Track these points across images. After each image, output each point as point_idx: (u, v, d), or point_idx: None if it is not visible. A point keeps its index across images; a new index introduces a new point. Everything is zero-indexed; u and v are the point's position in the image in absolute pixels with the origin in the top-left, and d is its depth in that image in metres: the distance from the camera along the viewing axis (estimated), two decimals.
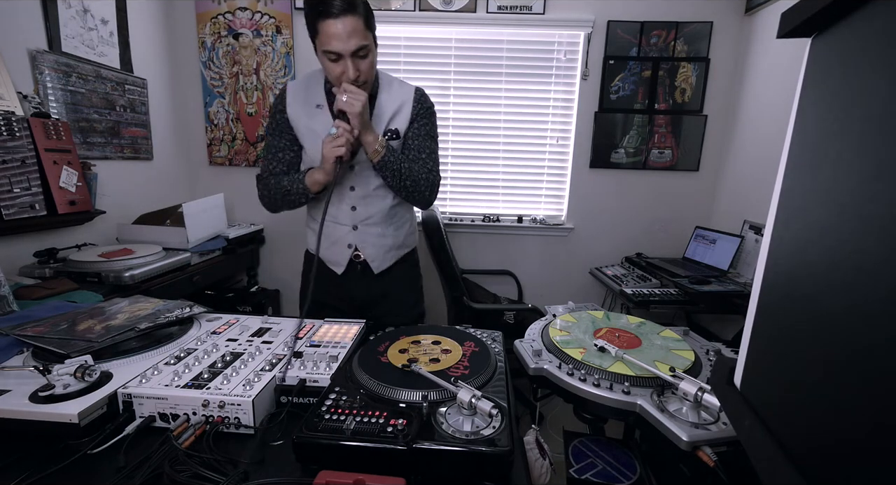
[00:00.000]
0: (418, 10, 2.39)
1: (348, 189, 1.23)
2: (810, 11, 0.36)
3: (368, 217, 1.25)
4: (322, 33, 1.03)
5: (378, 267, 1.29)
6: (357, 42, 1.03)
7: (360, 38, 1.03)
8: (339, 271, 1.30)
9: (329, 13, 1.00)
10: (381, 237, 1.28)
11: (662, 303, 1.98)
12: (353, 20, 1.01)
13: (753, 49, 2.30)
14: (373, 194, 1.24)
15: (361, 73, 1.08)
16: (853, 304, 0.29)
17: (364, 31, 1.04)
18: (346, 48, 1.03)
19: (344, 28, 1.01)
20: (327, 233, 1.26)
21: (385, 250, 1.29)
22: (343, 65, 1.06)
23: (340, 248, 1.27)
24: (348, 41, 1.02)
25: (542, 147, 2.62)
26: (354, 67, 1.06)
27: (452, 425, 0.64)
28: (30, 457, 0.64)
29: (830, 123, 0.35)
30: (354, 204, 1.24)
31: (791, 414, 0.35)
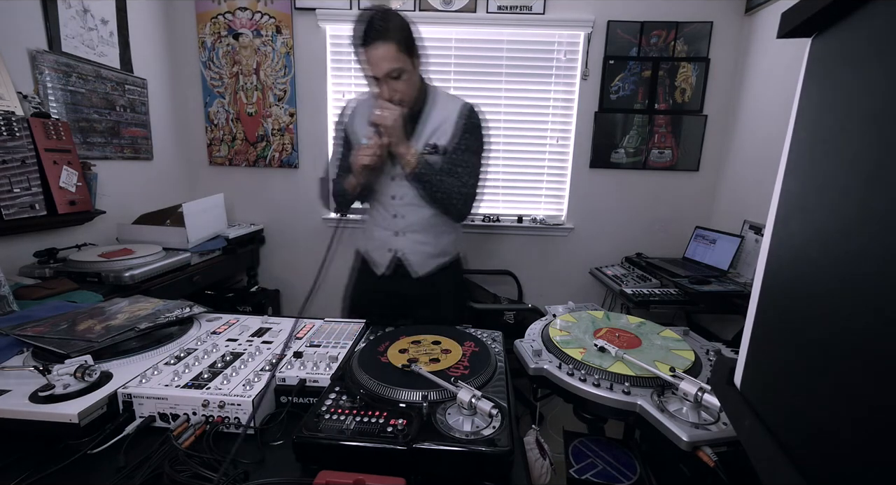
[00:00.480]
0: (418, 10, 2.39)
1: (390, 198, 1.30)
2: (810, 11, 0.36)
3: (410, 225, 1.31)
4: (362, 60, 1.14)
5: (417, 273, 1.34)
6: (388, 66, 1.11)
7: (392, 62, 1.11)
8: (378, 272, 1.37)
9: (363, 42, 1.10)
10: (422, 245, 1.33)
11: (662, 303, 1.98)
12: (384, 47, 1.09)
13: (753, 49, 2.30)
14: (414, 203, 1.29)
15: (397, 92, 1.16)
16: (853, 304, 0.29)
17: (396, 55, 1.11)
18: (378, 72, 1.12)
19: (376, 54, 1.10)
20: (372, 236, 1.38)
21: (426, 257, 1.34)
22: (381, 87, 1.16)
23: (382, 251, 1.35)
24: (380, 66, 1.11)
25: (542, 147, 2.62)
26: (389, 88, 1.15)
27: (452, 425, 0.64)
28: (30, 457, 0.64)
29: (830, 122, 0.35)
30: (396, 212, 1.31)
31: (791, 414, 0.35)
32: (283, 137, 2.59)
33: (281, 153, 2.61)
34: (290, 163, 2.62)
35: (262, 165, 2.63)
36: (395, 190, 1.29)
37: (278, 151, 2.61)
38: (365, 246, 1.40)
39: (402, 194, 1.29)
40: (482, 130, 1.31)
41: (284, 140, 2.59)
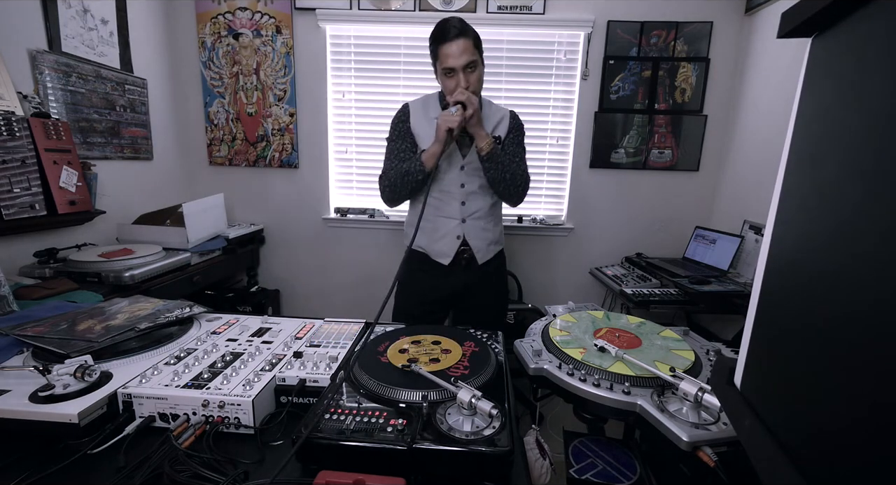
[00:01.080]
0: (418, 10, 2.39)
1: (458, 186, 1.44)
2: (810, 11, 0.36)
3: (475, 211, 1.46)
4: (441, 54, 1.32)
5: (482, 258, 1.48)
6: (467, 58, 1.30)
7: (470, 54, 1.31)
8: (445, 262, 1.47)
9: (447, 38, 1.30)
10: (485, 231, 1.48)
11: (662, 303, 1.98)
12: (464, 42, 1.30)
13: (753, 49, 2.30)
14: (478, 191, 1.45)
15: (470, 84, 1.33)
16: (853, 304, 0.29)
17: (473, 50, 1.32)
18: (459, 63, 1.30)
19: (458, 48, 1.29)
20: (436, 227, 1.47)
21: (487, 243, 1.49)
22: (456, 79, 1.32)
23: (450, 239, 1.46)
24: (460, 57, 1.30)
25: (542, 147, 2.62)
26: (465, 79, 1.32)
27: (452, 425, 0.64)
28: (30, 457, 0.64)
29: (830, 122, 0.35)
30: (464, 199, 1.45)
31: (791, 414, 0.35)
32: (283, 136, 2.59)
33: (281, 153, 2.61)
34: (290, 163, 2.62)
35: (262, 165, 2.63)
36: (465, 178, 1.43)
37: (278, 151, 2.61)
38: (425, 240, 1.49)
39: (470, 181, 1.43)
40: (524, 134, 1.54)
41: (284, 140, 2.59)
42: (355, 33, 2.48)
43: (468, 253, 1.47)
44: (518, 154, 1.50)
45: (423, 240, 1.49)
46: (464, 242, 1.45)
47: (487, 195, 1.47)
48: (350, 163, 2.66)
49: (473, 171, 1.43)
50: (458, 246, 1.45)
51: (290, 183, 2.66)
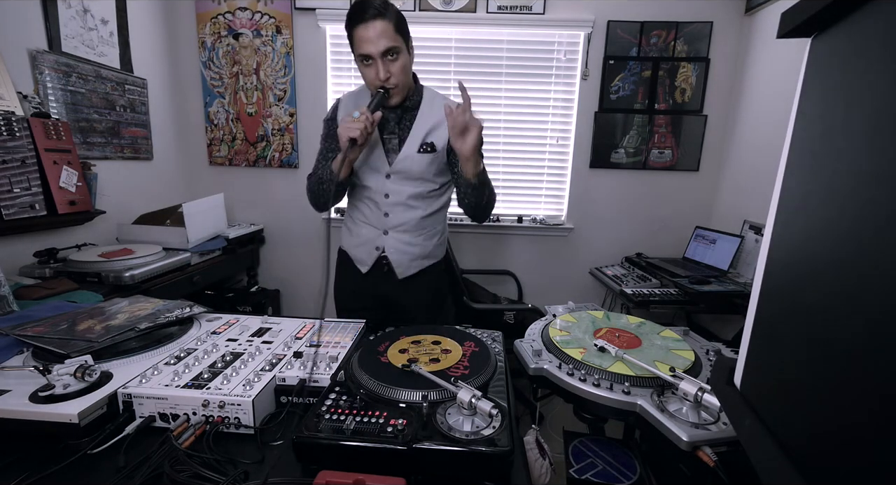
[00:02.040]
0: (418, 10, 2.39)
1: (383, 196, 1.28)
2: (810, 11, 0.36)
3: (400, 225, 1.30)
4: (356, 38, 1.11)
5: (402, 273, 1.33)
6: (386, 43, 1.09)
7: (389, 40, 1.10)
8: (363, 270, 1.35)
9: (361, 19, 1.08)
10: (409, 245, 1.32)
11: (662, 303, 1.98)
12: (382, 24, 1.08)
13: (753, 49, 2.30)
14: (405, 203, 1.28)
15: (392, 74, 1.13)
16: (853, 304, 0.29)
17: (394, 35, 1.10)
18: (376, 49, 1.10)
19: (374, 31, 1.08)
20: (359, 233, 1.35)
21: (411, 258, 1.33)
22: (375, 67, 1.12)
23: (368, 249, 1.33)
24: (378, 42, 1.09)
25: (542, 147, 2.62)
26: (385, 69, 1.12)
27: (452, 425, 0.64)
28: (30, 457, 0.64)
29: (830, 122, 0.35)
30: (388, 211, 1.29)
31: (791, 414, 0.35)
32: (283, 136, 2.59)
33: (281, 153, 2.61)
34: (290, 163, 2.62)
35: (262, 165, 2.63)
36: (390, 188, 1.27)
37: (278, 151, 2.61)
38: (349, 243, 1.38)
39: (396, 192, 1.27)
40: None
41: (284, 140, 2.59)
42: None
43: (388, 264, 1.33)
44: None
45: (346, 240, 1.40)
46: (383, 252, 1.32)
47: (418, 208, 1.30)
48: None
49: (402, 180, 1.26)
50: (376, 257, 1.32)
51: (290, 183, 2.66)
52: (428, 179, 1.28)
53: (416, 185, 1.28)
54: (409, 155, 1.24)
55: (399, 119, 1.25)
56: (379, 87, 1.15)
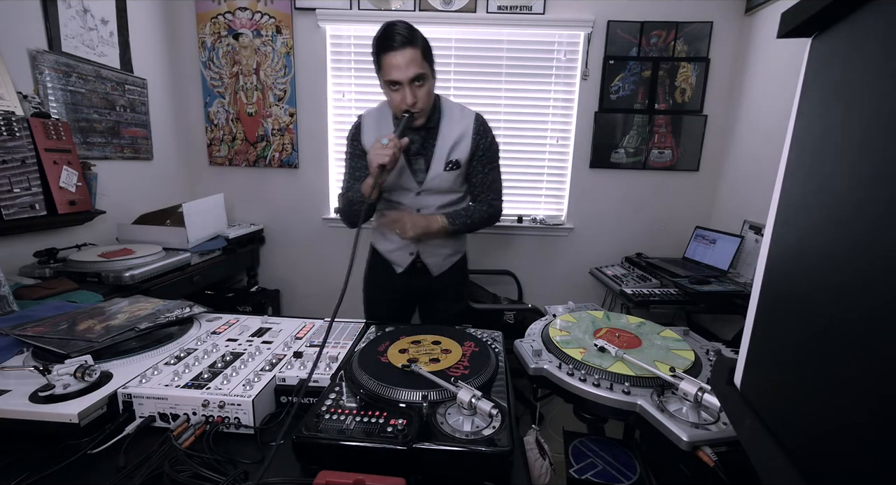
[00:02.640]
0: (418, 10, 2.39)
1: (415, 210, 1.37)
2: (810, 11, 0.36)
3: None
4: (385, 65, 1.18)
5: (437, 271, 1.44)
6: (414, 70, 1.16)
7: (418, 67, 1.16)
8: (398, 271, 1.45)
9: (391, 47, 1.15)
10: (442, 247, 1.42)
11: (662, 303, 1.98)
12: (411, 52, 1.15)
13: (753, 49, 2.30)
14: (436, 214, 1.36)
15: (418, 100, 1.20)
16: (854, 303, 0.29)
17: (421, 62, 1.17)
18: (406, 76, 1.16)
19: (403, 59, 1.14)
20: (392, 238, 1.42)
21: (443, 257, 1.44)
22: (402, 92, 1.18)
23: (403, 253, 1.42)
24: (407, 70, 1.15)
25: (542, 147, 2.62)
26: (412, 94, 1.19)
27: (452, 425, 0.64)
28: (30, 457, 0.64)
29: (830, 122, 0.35)
30: None
31: (791, 414, 0.35)
32: (283, 136, 2.59)
33: (281, 153, 2.61)
34: (290, 163, 2.62)
35: (262, 165, 2.63)
36: (421, 202, 1.36)
37: (278, 151, 2.61)
38: (384, 247, 1.46)
39: (426, 206, 1.37)
40: (495, 142, 1.39)
41: (284, 140, 2.59)
42: (355, 33, 2.48)
43: (422, 265, 1.43)
44: (486, 181, 1.38)
45: (382, 245, 1.47)
46: (417, 256, 1.42)
47: None
48: None
49: (430, 195, 1.36)
50: (411, 260, 1.42)
51: (290, 183, 2.66)
52: (455, 190, 1.38)
53: (445, 196, 1.37)
54: (437, 174, 1.32)
55: (423, 141, 1.32)
56: (404, 111, 1.21)
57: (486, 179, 1.38)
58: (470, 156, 1.33)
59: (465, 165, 1.34)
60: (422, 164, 1.33)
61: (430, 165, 1.32)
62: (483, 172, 1.37)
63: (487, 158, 1.37)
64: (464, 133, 1.32)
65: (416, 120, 1.25)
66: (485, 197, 1.39)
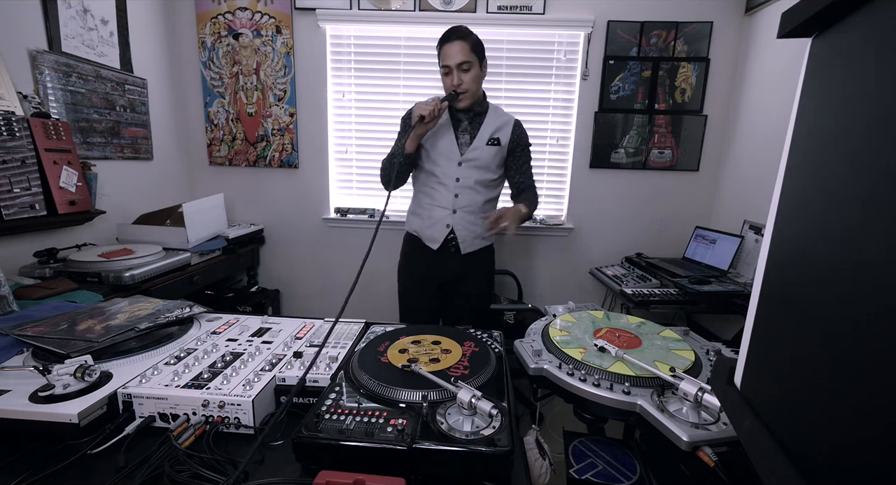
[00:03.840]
0: (418, 10, 2.39)
1: (454, 180, 1.56)
2: (810, 11, 0.36)
3: (466, 205, 1.58)
4: (442, 54, 1.48)
5: (465, 249, 1.60)
6: (461, 57, 1.44)
7: (465, 56, 1.44)
8: (434, 247, 1.60)
9: (448, 40, 1.46)
10: (473, 225, 1.59)
11: (662, 303, 1.98)
12: (461, 44, 1.44)
13: (753, 49, 2.30)
14: (473, 187, 1.57)
15: (464, 82, 1.46)
16: (853, 304, 0.29)
17: (469, 53, 1.45)
18: (454, 62, 1.44)
19: (454, 49, 1.44)
20: (431, 214, 1.60)
21: (473, 236, 1.60)
22: (452, 76, 1.46)
23: (440, 227, 1.59)
24: (455, 57, 1.44)
25: (542, 147, 2.62)
26: (458, 77, 1.46)
27: (452, 425, 0.64)
28: (30, 457, 0.64)
29: (831, 122, 0.35)
30: (458, 192, 1.57)
31: (791, 414, 0.35)
32: (283, 137, 2.59)
33: (281, 153, 2.61)
34: (290, 163, 2.62)
35: (262, 165, 2.63)
36: (461, 173, 1.55)
37: (278, 151, 2.61)
38: (419, 225, 1.63)
39: (466, 177, 1.55)
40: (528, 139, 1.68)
41: (284, 140, 2.59)
42: (355, 33, 2.48)
43: (455, 241, 1.59)
44: (527, 164, 1.66)
45: (417, 224, 1.64)
46: (451, 231, 1.58)
47: (483, 192, 1.59)
48: (350, 163, 2.66)
49: (471, 168, 1.55)
50: (446, 234, 1.58)
51: (290, 183, 2.66)
52: (492, 168, 1.58)
53: (482, 172, 1.56)
54: (479, 146, 1.55)
55: (470, 120, 1.57)
56: (452, 90, 1.47)
57: (524, 164, 1.64)
58: (510, 145, 1.59)
59: (505, 150, 1.58)
60: (467, 138, 1.56)
61: (473, 140, 1.55)
62: (522, 160, 1.63)
63: (525, 151, 1.64)
64: (505, 123, 1.60)
65: (460, 100, 1.49)
66: (526, 181, 1.63)
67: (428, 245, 1.62)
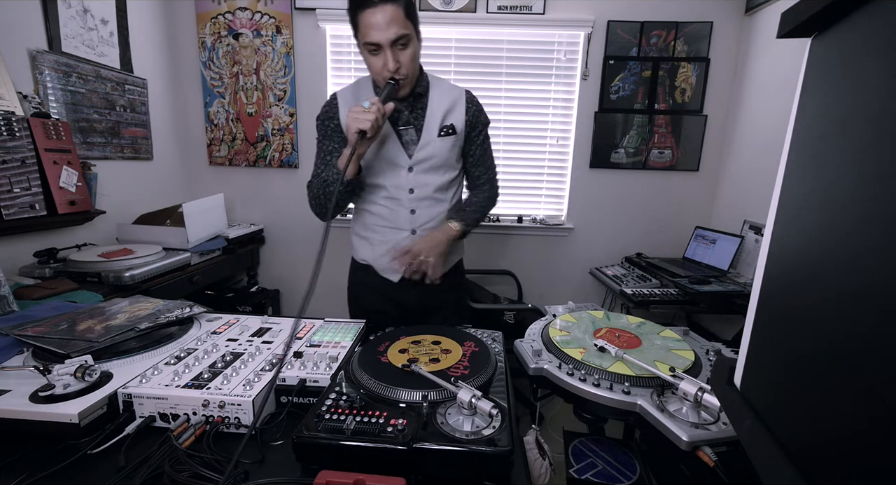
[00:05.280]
0: (418, 10, 2.39)
1: (407, 192, 1.19)
2: (810, 11, 0.36)
3: (428, 221, 1.22)
4: (362, 25, 1.02)
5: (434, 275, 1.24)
6: (396, 30, 1.01)
7: (400, 26, 1.01)
8: (394, 279, 1.24)
9: (369, 2, 0.99)
10: None
11: (662, 303, 1.98)
12: (392, 8, 0.99)
13: (753, 49, 2.30)
14: (432, 197, 1.21)
15: (402, 64, 1.05)
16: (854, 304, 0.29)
17: (404, 21, 1.02)
18: (386, 37, 1.01)
19: (383, 17, 0.99)
20: (382, 239, 1.23)
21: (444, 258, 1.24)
22: (383, 56, 1.04)
23: None
24: (388, 30, 1.00)
25: (542, 147, 2.62)
26: (394, 58, 1.04)
27: (452, 425, 0.64)
28: (30, 457, 0.64)
29: (830, 122, 0.35)
30: (413, 207, 1.20)
31: (791, 414, 0.35)
32: (283, 137, 2.59)
33: (281, 153, 2.61)
34: (290, 163, 2.62)
35: (262, 165, 2.63)
36: (413, 182, 1.18)
37: (278, 151, 2.61)
38: (370, 254, 1.26)
39: (421, 186, 1.19)
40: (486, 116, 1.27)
41: (284, 140, 2.59)
42: None
43: None
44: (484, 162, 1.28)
45: (367, 252, 1.26)
46: None
47: (444, 201, 1.23)
48: None
49: (426, 171, 1.18)
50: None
51: (290, 183, 2.66)
52: (451, 165, 1.22)
53: (440, 174, 1.20)
54: (430, 140, 1.17)
55: (411, 108, 1.17)
56: (388, 78, 1.06)
57: (483, 154, 1.27)
58: (467, 125, 1.21)
59: (461, 135, 1.20)
60: (412, 134, 1.17)
61: (421, 134, 1.16)
62: (481, 148, 1.26)
63: (483, 133, 1.26)
64: (456, 100, 1.19)
65: (401, 89, 1.09)
66: (485, 176, 1.28)
67: (385, 277, 1.25)
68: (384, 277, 1.26)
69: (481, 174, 1.28)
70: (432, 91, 1.19)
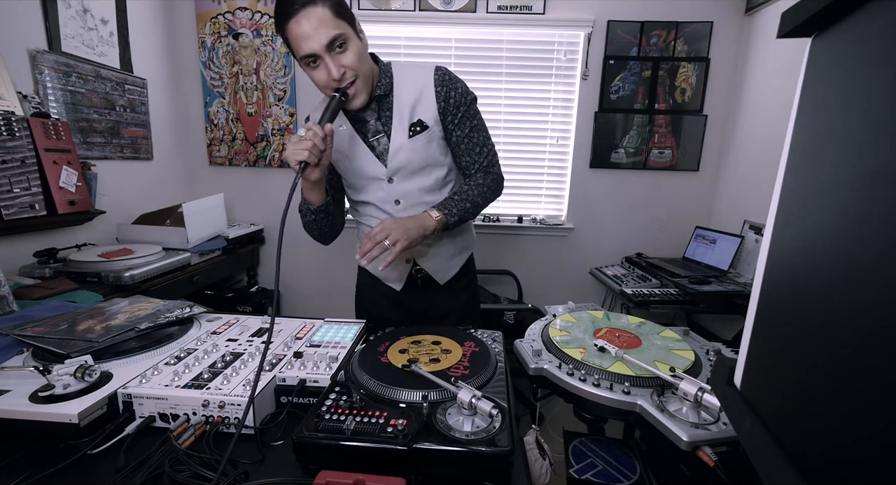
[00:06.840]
0: (418, 10, 2.39)
1: (394, 204, 1.11)
2: (810, 11, 0.36)
3: None
4: (291, 40, 0.92)
5: (443, 278, 1.19)
6: (327, 33, 0.89)
7: (330, 27, 0.89)
8: (398, 288, 1.20)
9: (291, 13, 0.88)
10: (440, 247, 1.16)
11: (662, 303, 1.98)
12: (317, 11, 0.88)
13: (753, 49, 2.30)
14: (421, 202, 1.10)
15: (346, 68, 0.94)
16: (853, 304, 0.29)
17: (334, 20, 0.90)
18: (318, 43, 0.89)
19: (309, 23, 0.88)
20: None
21: (447, 258, 1.18)
22: (324, 65, 0.93)
23: (397, 263, 1.11)
24: (317, 35, 0.89)
25: (542, 147, 2.62)
26: (335, 64, 0.92)
27: (452, 425, 0.64)
28: (30, 457, 0.64)
29: (831, 122, 0.35)
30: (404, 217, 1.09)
31: (791, 414, 0.35)
32: (283, 136, 2.59)
33: (281, 153, 2.61)
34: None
35: (262, 165, 2.63)
36: (398, 193, 1.09)
37: (278, 151, 2.61)
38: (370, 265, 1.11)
39: (406, 193, 1.09)
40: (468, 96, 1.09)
41: (284, 140, 2.59)
42: None
43: (423, 274, 1.17)
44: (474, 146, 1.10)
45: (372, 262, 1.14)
46: (415, 263, 1.16)
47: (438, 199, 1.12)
48: None
49: (407, 177, 1.08)
50: (409, 269, 1.16)
51: (290, 183, 2.65)
52: (434, 163, 1.09)
53: (425, 175, 1.09)
54: (400, 145, 1.05)
55: (378, 111, 1.06)
56: (335, 89, 0.96)
57: (471, 140, 1.10)
58: (440, 113, 1.06)
59: (437, 126, 1.07)
60: (385, 141, 1.07)
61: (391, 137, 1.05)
62: (465, 132, 1.09)
63: (465, 114, 1.08)
64: (423, 88, 1.05)
65: (354, 98, 0.98)
66: (477, 164, 1.11)
67: (389, 285, 1.22)
68: (391, 287, 1.23)
69: (471, 164, 1.12)
70: (396, 87, 1.06)
